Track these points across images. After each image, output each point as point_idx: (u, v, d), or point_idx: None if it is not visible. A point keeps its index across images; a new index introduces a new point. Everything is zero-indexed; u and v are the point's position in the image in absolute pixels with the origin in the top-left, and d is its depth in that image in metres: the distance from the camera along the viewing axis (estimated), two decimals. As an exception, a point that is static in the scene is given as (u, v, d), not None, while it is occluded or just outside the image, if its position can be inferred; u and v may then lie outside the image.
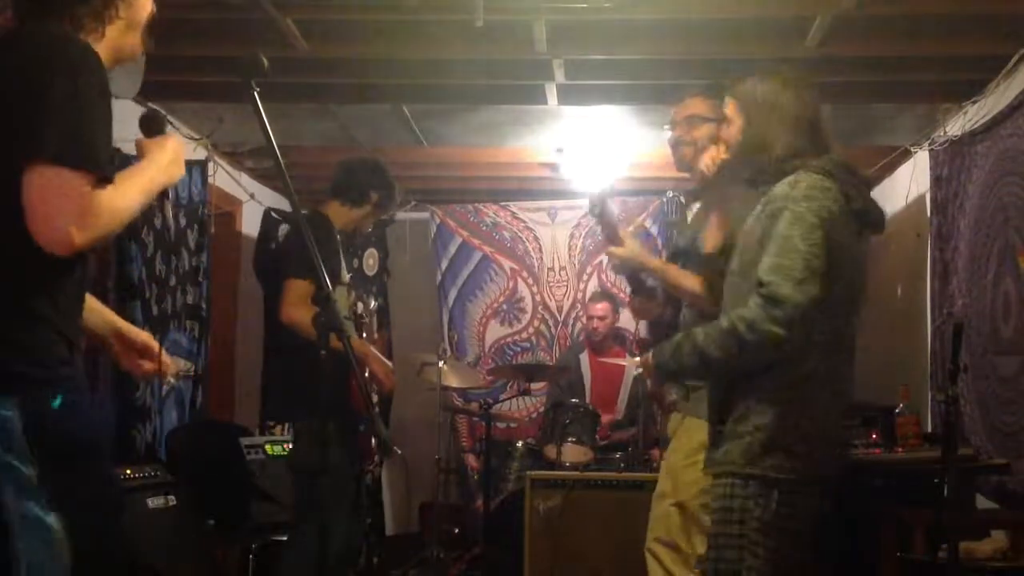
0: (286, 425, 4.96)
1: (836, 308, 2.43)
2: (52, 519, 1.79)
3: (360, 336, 3.84)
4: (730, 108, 2.65)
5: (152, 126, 2.04)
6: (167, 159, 1.98)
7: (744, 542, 2.40)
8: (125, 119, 2.08)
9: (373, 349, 3.79)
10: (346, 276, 3.85)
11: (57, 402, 1.79)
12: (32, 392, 1.78)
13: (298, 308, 3.51)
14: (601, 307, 6.04)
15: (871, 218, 2.54)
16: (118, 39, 1.99)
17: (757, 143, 2.56)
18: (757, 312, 2.35)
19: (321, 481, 3.48)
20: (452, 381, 5.74)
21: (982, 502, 4.28)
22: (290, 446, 4.14)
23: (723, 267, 2.63)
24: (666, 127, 3.26)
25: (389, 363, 3.83)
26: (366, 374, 3.63)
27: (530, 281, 7.00)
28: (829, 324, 2.42)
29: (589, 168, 5.89)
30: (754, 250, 2.45)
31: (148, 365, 2.28)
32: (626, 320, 6.24)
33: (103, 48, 1.94)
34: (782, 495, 2.38)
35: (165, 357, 2.29)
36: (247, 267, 5.97)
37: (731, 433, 2.45)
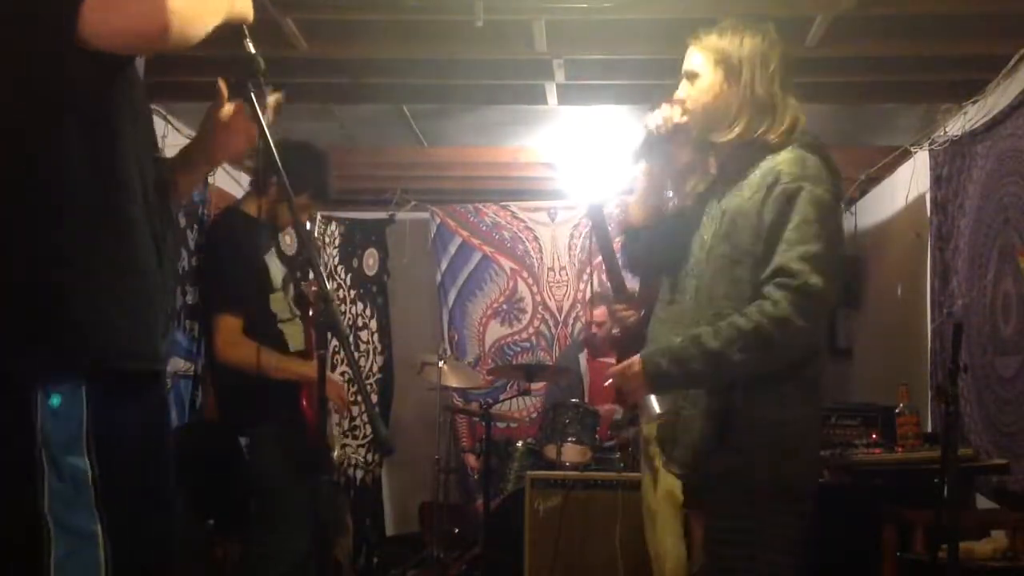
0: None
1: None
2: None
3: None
4: (700, 62, 2.37)
5: None
6: None
7: (743, 552, 2.24)
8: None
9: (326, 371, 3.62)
10: (278, 281, 3.47)
11: (56, 400, 1.69)
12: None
13: (236, 347, 3.29)
14: (601, 312, 6.02)
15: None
16: None
17: (743, 105, 2.28)
18: (786, 307, 2.11)
19: (279, 492, 3.37)
20: (452, 381, 5.74)
21: (982, 502, 4.28)
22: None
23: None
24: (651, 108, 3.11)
25: (341, 385, 3.65)
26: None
27: (530, 281, 6.99)
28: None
29: (588, 170, 5.88)
30: (752, 230, 2.21)
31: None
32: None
33: None
34: (788, 505, 2.22)
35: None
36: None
37: (735, 443, 2.25)
